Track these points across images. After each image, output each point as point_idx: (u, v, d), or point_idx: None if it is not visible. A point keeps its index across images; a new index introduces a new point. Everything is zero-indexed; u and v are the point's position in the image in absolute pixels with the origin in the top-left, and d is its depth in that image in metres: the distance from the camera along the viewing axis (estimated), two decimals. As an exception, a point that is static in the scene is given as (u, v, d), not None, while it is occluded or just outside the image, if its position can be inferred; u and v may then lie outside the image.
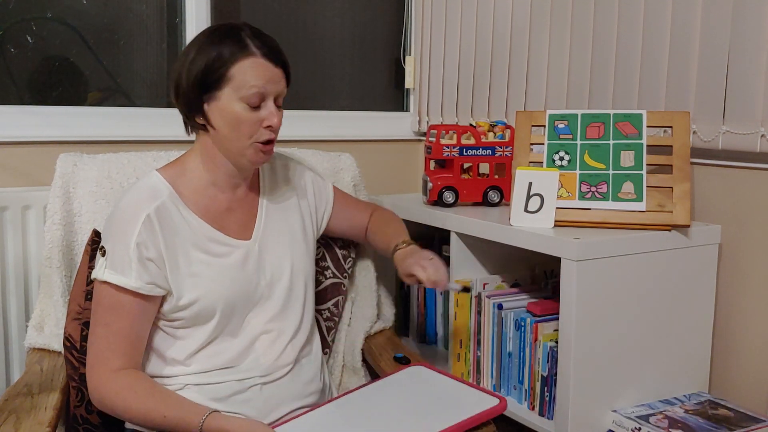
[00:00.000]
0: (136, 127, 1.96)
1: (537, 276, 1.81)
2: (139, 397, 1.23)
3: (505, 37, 2.04)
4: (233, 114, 1.27)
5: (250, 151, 1.30)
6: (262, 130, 1.29)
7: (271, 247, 1.39)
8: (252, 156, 1.31)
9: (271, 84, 1.28)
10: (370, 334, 1.69)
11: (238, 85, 1.26)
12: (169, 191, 1.31)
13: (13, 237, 1.71)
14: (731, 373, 1.60)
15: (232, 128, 1.28)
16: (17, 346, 1.73)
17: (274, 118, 1.29)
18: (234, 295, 1.32)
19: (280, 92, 1.30)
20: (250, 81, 1.25)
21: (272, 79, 1.28)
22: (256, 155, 1.31)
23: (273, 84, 1.28)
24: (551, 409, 1.52)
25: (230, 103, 1.27)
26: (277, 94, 1.30)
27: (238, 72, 1.26)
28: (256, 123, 1.28)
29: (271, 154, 1.34)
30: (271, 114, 1.28)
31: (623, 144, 1.56)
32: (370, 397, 1.34)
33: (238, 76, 1.26)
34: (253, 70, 1.26)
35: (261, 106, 1.28)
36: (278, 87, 1.29)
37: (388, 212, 1.66)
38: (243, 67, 1.25)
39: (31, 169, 1.81)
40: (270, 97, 1.28)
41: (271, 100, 1.29)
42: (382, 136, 2.37)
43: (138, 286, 1.25)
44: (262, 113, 1.28)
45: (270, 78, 1.27)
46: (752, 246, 1.54)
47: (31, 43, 1.87)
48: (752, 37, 1.46)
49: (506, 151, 1.82)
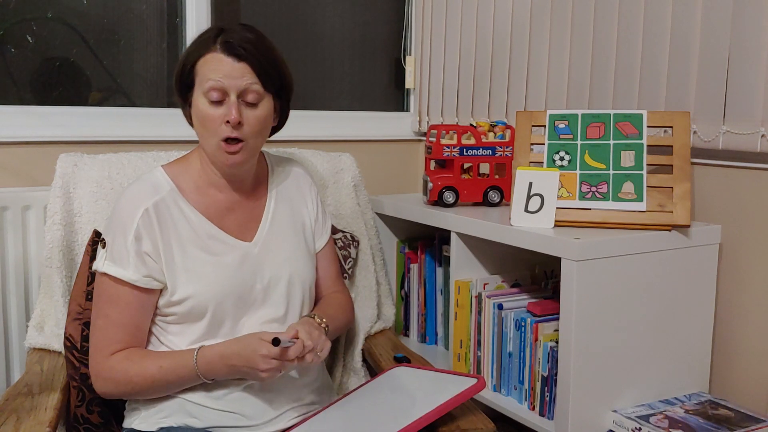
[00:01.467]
0: (136, 127, 1.96)
1: (537, 276, 1.81)
2: (134, 361, 1.27)
3: (505, 37, 2.04)
4: (198, 110, 1.28)
5: (219, 152, 1.28)
6: (224, 126, 1.26)
7: (273, 251, 1.39)
8: (220, 156, 1.29)
9: (229, 79, 1.25)
10: (370, 334, 1.69)
11: (200, 81, 1.27)
12: (170, 187, 1.32)
13: (14, 237, 1.71)
14: (731, 373, 1.60)
15: (199, 125, 1.29)
16: (17, 346, 1.73)
17: (232, 113, 1.24)
18: (226, 294, 1.31)
19: (244, 87, 1.26)
20: (207, 75, 1.26)
21: (231, 74, 1.25)
22: (222, 156, 1.28)
23: (231, 79, 1.25)
24: (551, 409, 1.52)
25: (197, 100, 1.28)
26: (239, 89, 1.25)
27: (200, 68, 1.27)
28: (218, 120, 1.26)
29: (240, 156, 1.28)
30: (230, 109, 1.25)
31: (623, 144, 1.56)
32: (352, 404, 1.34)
33: (200, 72, 1.27)
34: (210, 64, 1.26)
35: (224, 102, 1.26)
36: (239, 82, 1.25)
37: (347, 302, 1.56)
38: (204, 62, 1.27)
39: (31, 169, 1.81)
40: (232, 92, 1.25)
41: (233, 95, 1.25)
42: (382, 136, 2.37)
43: (135, 278, 1.27)
44: (223, 109, 1.26)
45: (228, 73, 1.25)
46: (752, 246, 1.54)
47: (32, 43, 1.87)
48: (752, 36, 1.46)
49: (506, 151, 1.82)
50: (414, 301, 2.07)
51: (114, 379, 1.28)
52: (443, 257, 1.98)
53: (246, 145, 1.29)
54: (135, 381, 1.27)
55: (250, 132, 1.28)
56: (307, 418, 1.34)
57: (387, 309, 1.81)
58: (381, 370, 1.51)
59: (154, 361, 1.27)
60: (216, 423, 1.30)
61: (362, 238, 1.80)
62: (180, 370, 1.26)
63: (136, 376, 1.27)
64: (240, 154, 1.29)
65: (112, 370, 1.28)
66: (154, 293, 1.30)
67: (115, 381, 1.28)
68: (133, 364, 1.27)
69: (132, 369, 1.27)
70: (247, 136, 1.28)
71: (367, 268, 1.77)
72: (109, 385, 1.29)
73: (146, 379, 1.26)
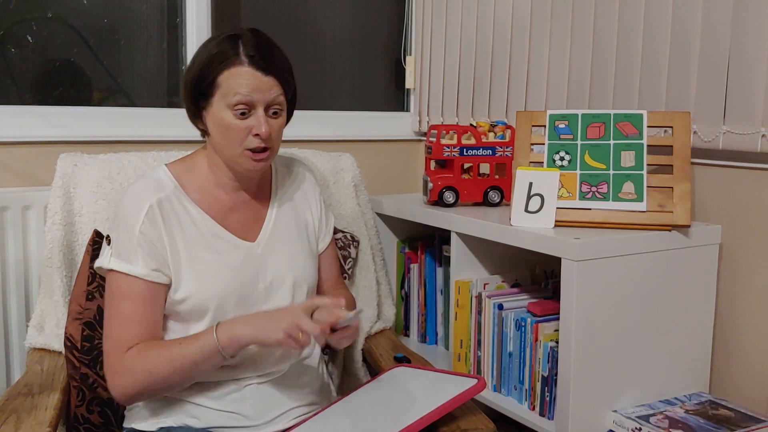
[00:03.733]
0: (136, 127, 1.96)
1: (537, 276, 1.81)
2: (154, 350, 1.24)
3: (505, 37, 2.04)
4: (222, 122, 1.28)
5: (242, 159, 1.30)
6: (252, 137, 1.28)
7: (276, 252, 1.39)
8: (244, 163, 1.30)
9: (257, 93, 1.26)
10: (370, 334, 1.69)
11: (225, 93, 1.26)
12: (173, 185, 1.33)
13: (14, 237, 1.71)
14: (732, 373, 1.60)
15: (222, 135, 1.29)
16: (17, 346, 1.73)
17: (262, 127, 1.26)
18: (229, 293, 1.31)
19: (271, 101, 1.27)
20: (235, 89, 1.25)
21: (259, 88, 1.26)
22: (247, 162, 1.30)
23: (260, 93, 1.26)
24: (551, 409, 1.52)
25: (219, 111, 1.27)
26: (267, 102, 1.27)
27: (225, 80, 1.26)
28: (244, 131, 1.27)
29: (266, 162, 1.31)
30: (259, 123, 1.26)
31: (624, 144, 1.56)
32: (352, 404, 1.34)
33: (225, 84, 1.26)
34: (238, 78, 1.25)
35: (250, 114, 1.27)
36: (267, 96, 1.27)
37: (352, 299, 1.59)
38: (229, 75, 1.26)
39: (32, 169, 1.81)
40: (259, 106, 1.27)
41: (261, 108, 1.27)
42: (382, 136, 2.37)
43: (145, 273, 1.26)
44: (251, 121, 1.27)
45: (256, 87, 1.25)
46: (752, 246, 1.54)
47: (32, 43, 1.87)
48: (753, 36, 1.46)
49: (507, 151, 1.82)
50: (414, 301, 2.07)
51: (130, 370, 1.23)
52: (443, 257, 1.98)
53: (271, 152, 1.31)
54: (152, 364, 1.22)
55: (275, 140, 1.31)
56: (307, 419, 1.34)
57: (387, 309, 1.81)
58: (381, 370, 1.51)
59: (174, 344, 1.24)
60: (216, 423, 1.30)
61: (362, 238, 1.80)
62: (198, 341, 1.22)
63: (153, 359, 1.23)
64: (266, 162, 1.31)
65: (127, 362, 1.24)
66: (163, 288, 1.29)
67: (131, 372, 1.23)
68: (151, 350, 1.24)
69: (149, 356, 1.23)
70: (273, 145, 1.31)
71: (367, 268, 1.77)
72: (125, 378, 1.24)
73: (163, 360, 1.22)
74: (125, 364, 1.24)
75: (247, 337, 1.23)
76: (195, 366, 1.24)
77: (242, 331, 1.23)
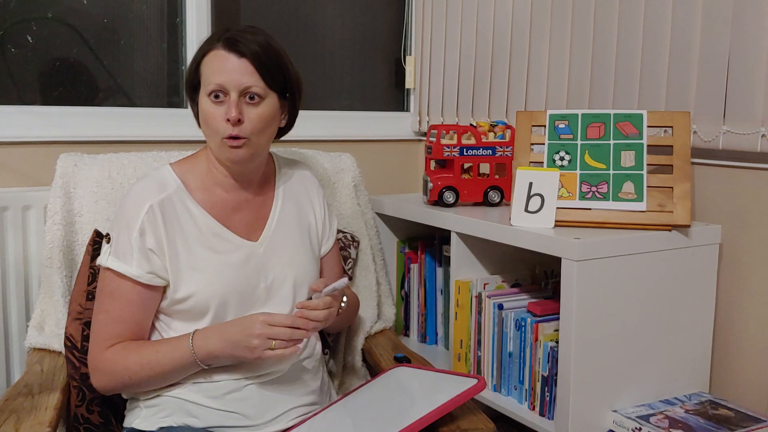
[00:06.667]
0: (136, 127, 1.96)
1: (537, 276, 1.81)
2: (130, 350, 1.27)
3: (505, 37, 2.04)
4: (203, 111, 1.28)
5: (222, 149, 1.28)
6: (225, 124, 1.25)
7: (278, 252, 1.39)
8: (224, 153, 1.29)
9: (228, 74, 1.24)
10: (370, 334, 1.69)
11: (205, 80, 1.28)
12: (177, 185, 1.33)
13: (14, 237, 1.71)
14: (731, 373, 1.60)
15: (204, 125, 1.30)
16: (17, 346, 1.73)
17: (232, 111, 1.24)
18: (229, 292, 1.32)
19: (247, 85, 1.25)
20: (209, 74, 1.26)
21: (230, 70, 1.24)
22: (226, 152, 1.28)
23: (231, 75, 1.24)
24: (551, 409, 1.52)
25: (202, 101, 1.29)
26: (241, 87, 1.25)
27: (204, 67, 1.28)
28: (219, 118, 1.26)
29: (245, 151, 1.28)
30: (229, 108, 1.24)
31: (624, 144, 1.56)
32: (353, 404, 1.34)
33: (204, 71, 1.28)
34: (213, 62, 1.26)
35: (224, 100, 1.26)
36: (240, 79, 1.24)
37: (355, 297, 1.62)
38: (207, 61, 1.27)
39: (31, 169, 1.81)
40: (233, 91, 1.25)
41: (234, 93, 1.25)
42: (382, 136, 2.37)
43: (138, 274, 1.27)
44: (224, 107, 1.26)
45: (230, 69, 1.24)
46: (752, 246, 1.54)
47: (32, 43, 1.87)
48: (753, 36, 1.46)
49: (507, 151, 1.82)
50: (414, 301, 2.07)
51: (110, 369, 1.27)
52: (443, 257, 1.98)
53: (249, 142, 1.28)
54: (132, 369, 1.26)
55: (252, 129, 1.27)
56: (307, 418, 1.34)
57: (387, 309, 1.81)
58: (381, 370, 1.51)
59: (151, 346, 1.27)
60: (216, 423, 1.30)
61: (362, 238, 1.80)
62: (176, 353, 1.25)
63: (132, 364, 1.26)
64: (243, 150, 1.28)
65: (107, 360, 1.27)
66: (157, 290, 1.30)
67: (111, 372, 1.27)
68: (130, 352, 1.27)
69: (129, 357, 1.26)
70: (248, 134, 1.27)
71: (367, 268, 1.77)
72: (105, 376, 1.28)
73: (143, 366, 1.25)
74: (104, 362, 1.28)
75: (223, 356, 1.26)
76: (174, 373, 1.28)
77: (217, 349, 1.25)
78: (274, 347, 1.21)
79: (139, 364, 1.26)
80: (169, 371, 1.27)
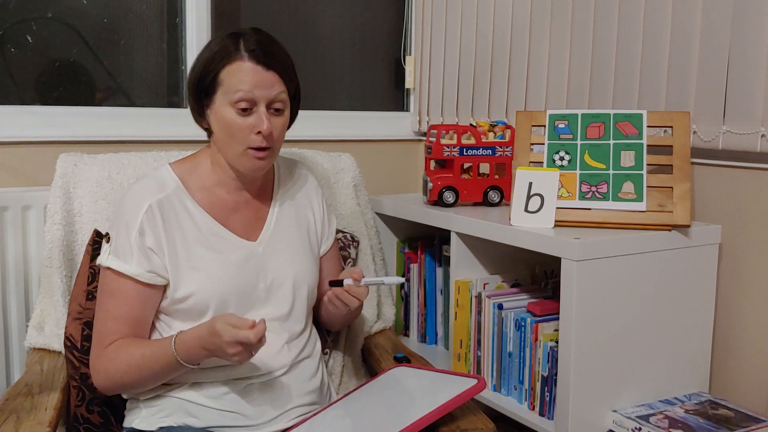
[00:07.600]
0: (136, 127, 1.96)
1: (537, 276, 1.81)
2: (124, 349, 1.27)
3: (505, 37, 2.04)
4: (224, 119, 1.27)
5: (244, 158, 1.29)
6: (254, 136, 1.27)
7: (277, 252, 1.39)
8: (246, 162, 1.30)
9: (259, 89, 1.25)
10: (370, 334, 1.69)
11: (227, 89, 1.26)
12: (176, 184, 1.33)
13: (14, 237, 1.71)
14: (731, 373, 1.60)
15: (225, 133, 1.28)
16: (17, 346, 1.73)
17: (263, 124, 1.25)
18: (229, 292, 1.32)
19: (273, 98, 1.27)
20: (236, 85, 1.25)
21: (261, 84, 1.25)
22: (250, 162, 1.29)
23: (262, 89, 1.25)
24: (551, 409, 1.52)
25: (222, 108, 1.27)
26: (269, 99, 1.26)
27: (227, 76, 1.26)
28: (247, 129, 1.26)
29: (268, 161, 1.31)
30: (260, 120, 1.25)
31: (623, 144, 1.56)
32: (352, 404, 1.34)
33: (227, 80, 1.26)
34: (239, 74, 1.25)
35: (252, 111, 1.26)
36: (269, 92, 1.26)
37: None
38: (231, 71, 1.25)
39: (31, 169, 1.81)
40: (261, 102, 1.26)
41: (263, 105, 1.26)
42: (382, 136, 2.37)
43: (138, 273, 1.27)
44: (253, 119, 1.26)
45: (258, 82, 1.25)
46: (752, 246, 1.54)
47: (32, 43, 1.87)
48: (753, 36, 1.46)
49: (506, 151, 1.83)
50: (414, 301, 2.07)
51: (106, 369, 1.28)
52: (443, 257, 1.98)
53: (272, 152, 1.30)
54: (123, 369, 1.26)
55: (277, 139, 1.30)
56: (307, 418, 1.34)
57: (387, 309, 1.81)
58: (381, 370, 1.51)
59: (138, 348, 1.27)
60: (216, 423, 1.30)
61: (362, 238, 1.80)
62: (161, 356, 1.24)
63: (122, 364, 1.26)
64: (266, 160, 1.30)
65: (104, 359, 1.28)
66: (157, 289, 1.30)
67: (106, 371, 1.28)
68: (123, 352, 1.27)
69: (119, 357, 1.26)
70: (274, 143, 1.30)
71: (367, 268, 1.77)
72: (101, 375, 1.29)
73: (132, 367, 1.25)
74: (102, 361, 1.28)
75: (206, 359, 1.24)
76: (163, 373, 1.27)
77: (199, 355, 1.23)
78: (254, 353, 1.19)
79: (128, 364, 1.26)
80: (157, 372, 1.26)
